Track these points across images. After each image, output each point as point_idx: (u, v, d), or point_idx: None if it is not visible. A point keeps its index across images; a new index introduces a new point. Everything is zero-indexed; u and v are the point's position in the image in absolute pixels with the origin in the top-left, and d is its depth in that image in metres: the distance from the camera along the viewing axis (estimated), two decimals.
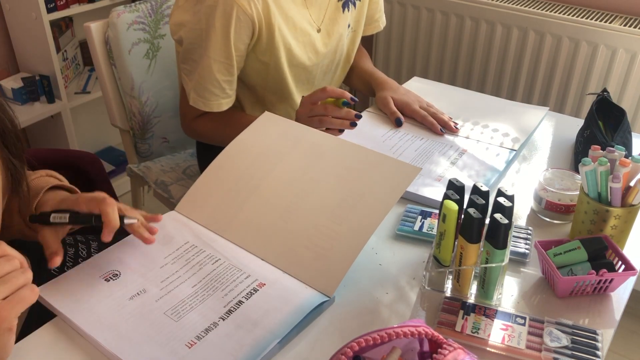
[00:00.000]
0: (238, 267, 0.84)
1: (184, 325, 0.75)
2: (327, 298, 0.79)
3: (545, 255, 0.83)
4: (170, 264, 0.85)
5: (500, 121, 1.28)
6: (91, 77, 2.34)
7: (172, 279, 0.82)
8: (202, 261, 0.85)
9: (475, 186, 0.82)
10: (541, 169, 1.09)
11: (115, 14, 1.40)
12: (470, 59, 2.02)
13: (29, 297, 0.64)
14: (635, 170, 0.85)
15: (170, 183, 1.53)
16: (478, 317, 0.77)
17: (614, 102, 1.20)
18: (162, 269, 0.84)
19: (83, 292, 0.80)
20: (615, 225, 0.87)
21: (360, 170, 0.91)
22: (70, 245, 1.03)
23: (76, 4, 2.09)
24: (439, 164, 1.12)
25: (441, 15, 2.01)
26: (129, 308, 0.77)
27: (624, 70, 1.76)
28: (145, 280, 0.82)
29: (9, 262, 0.65)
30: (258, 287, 0.81)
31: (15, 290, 0.64)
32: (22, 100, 2.10)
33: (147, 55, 1.48)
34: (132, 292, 0.80)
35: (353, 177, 0.90)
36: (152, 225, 0.87)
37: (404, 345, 0.60)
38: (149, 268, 0.84)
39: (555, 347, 0.73)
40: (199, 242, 0.89)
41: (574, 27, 1.78)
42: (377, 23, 1.44)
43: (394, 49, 2.18)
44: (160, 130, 1.59)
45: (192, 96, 1.19)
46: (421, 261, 0.90)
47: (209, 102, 1.19)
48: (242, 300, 0.79)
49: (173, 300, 0.79)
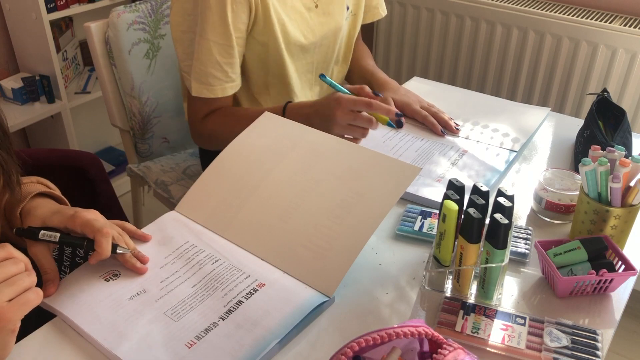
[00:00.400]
0: (238, 267, 0.84)
1: (184, 325, 0.75)
2: (327, 298, 0.79)
3: (545, 255, 0.83)
4: (170, 264, 0.85)
5: (501, 121, 1.28)
6: (91, 77, 2.34)
7: (172, 279, 0.82)
8: (202, 261, 0.85)
9: (475, 186, 0.82)
10: (541, 169, 1.09)
11: (115, 14, 1.40)
12: (470, 59, 2.02)
13: (34, 300, 0.65)
14: (635, 170, 0.85)
15: (170, 183, 1.54)
16: (478, 317, 0.77)
17: (614, 102, 1.20)
18: (162, 269, 0.84)
19: (83, 292, 0.80)
20: (615, 225, 0.87)
21: (360, 170, 0.91)
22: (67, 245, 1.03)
23: (76, 4, 2.09)
24: (439, 165, 1.12)
25: (441, 15, 2.01)
26: (129, 308, 0.77)
27: (624, 70, 1.76)
28: (145, 281, 0.82)
29: (15, 265, 0.65)
30: (258, 287, 0.81)
31: (20, 292, 0.64)
32: (22, 100, 2.10)
33: (147, 55, 1.48)
34: (132, 292, 0.80)
35: (352, 178, 0.90)
36: (142, 255, 0.86)
37: (404, 345, 0.60)
38: (148, 268, 0.84)
39: (555, 347, 0.73)
40: (199, 242, 0.89)
41: (574, 27, 1.78)
42: (376, 10, 1.44)
43: (394, 49, 2.18)
44: (160, 130, 1.59)
45: (195, 86, 1.17)
46: (421, 261, 0.89)
47: (212, 88, 1.16)
48: (242, 300, 0.79)
49: (173, 300, 0.79)
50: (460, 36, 2.00)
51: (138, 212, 1.68)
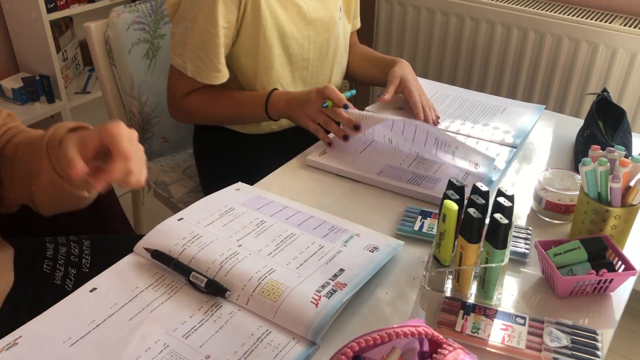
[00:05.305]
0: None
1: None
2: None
3: (545, 255, 0.83)
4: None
5: (499, 120, 1.28)
6: (91, 77, 2.34)
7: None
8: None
9: (475, 186, 0.82)
10: (541, 169, 1.09)
11: (115, 14, 1.40)
12: (470, 59, 2.02)
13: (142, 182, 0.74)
14: (635, 170, 0.85)
15: (170, 183, 1.54)
16: (478, 317, 0.77)
17: (614, 102, 1.20)
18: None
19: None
20: (615, 225, 0.87)
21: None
22: (62, 245, 1.03)
23: (76, 4, 2.09)
24: (435, 162, 1.12)
25: (441, 15, 2.01)
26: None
27: (624, 70, 1.76)
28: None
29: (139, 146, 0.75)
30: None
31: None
32: (22, 100, 2.10)
33: (147, 55, 1.48)
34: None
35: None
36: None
37: (404, 345, 0.60)
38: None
39: (555, 347, 0.73)
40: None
41: (574, 27, 1.78)
42: (355, 21, 1.47)
43: (394, 49, 2.18)
44: (160, 130, 1.59)
45: (190, 67, 1.21)
46: (421, 261, 0.90)
47: (200, 72, 1.21)
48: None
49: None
50: (460, 36, 2.00)
51: (138, 212, 1.68)
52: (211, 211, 0.95)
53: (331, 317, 0.75)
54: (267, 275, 0.80)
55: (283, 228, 0.91)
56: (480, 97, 1.40)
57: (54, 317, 0.76)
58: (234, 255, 0.84)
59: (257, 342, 0.72)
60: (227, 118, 1.32)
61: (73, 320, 0.75)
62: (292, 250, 0.86)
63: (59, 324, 0.74)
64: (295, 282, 0.79)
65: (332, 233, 0.91)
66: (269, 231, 0.91)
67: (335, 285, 0.79)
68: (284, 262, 0.84)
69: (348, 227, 0.93)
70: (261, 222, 0.92)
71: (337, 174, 1.11)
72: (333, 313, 0.75)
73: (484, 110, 1.33)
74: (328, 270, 0.82)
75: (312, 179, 1.11)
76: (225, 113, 1.29)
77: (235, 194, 1.01)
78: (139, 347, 0.71)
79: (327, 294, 0.77)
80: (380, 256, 0.86)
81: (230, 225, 0.91)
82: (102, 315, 0.76)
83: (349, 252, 0.87)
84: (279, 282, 0.79)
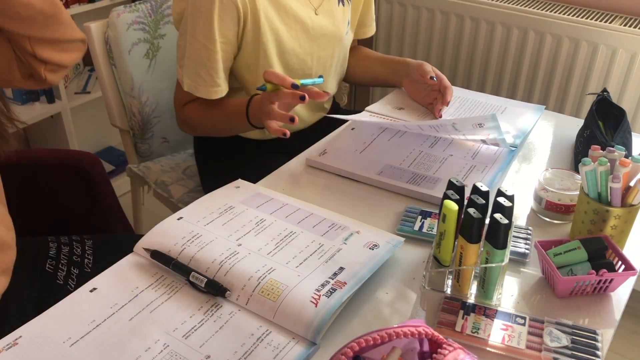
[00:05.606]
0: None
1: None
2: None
3: (545, 255, 0.83)
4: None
5: (499, 120, 1.28)
6: (91, 77, 2.34)
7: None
8: None
9: (475, 186, 0.82)
10: (541, 169, 1.09)
11: (115, 14, 1.40)
12: (470, 59, 2.02)
13: None
14: (635, 170, 0.85)
15: (170, 183, 1.54)
16: (478, 317, 0.77)
17: (614, 102, 1.20)
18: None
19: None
20: (615, 225, 0.87)
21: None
22: (65, 244, 1.03)
23: (76, 4, 2.09)
24: (435, 162, 1.12)
25: (441, 15, 2.01)
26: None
27: (624, 70, 1.76)
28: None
29: None
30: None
31: None
32: (22, 100, 2.10)
33: (147, 55, 1.48)
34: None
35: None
36: None
37: (404, 345, 0.60)
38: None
39: (555, 347, 0.73)
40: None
41: (574, 27, 1.78)
42: (367, 28, 1.45)
43: (394, 49, 2.18)
44: (160, 130, 1.59)
45: (186, 82, 1.20)
46: (421, 261, 0.90)
47: (198, 88, 1.19)
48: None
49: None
50: (460, 36, 2.00)
51: (138, 212, 1.68)
52: (211, 209, 0.95)
53: (331, 316, 0.75)
54: (266, 274, 0.80)
55: (283, 226, 0.92)
56: (481, 97, 1.40)
57: (54, 317, 0.76)
58: (234, 255, 0.84)
59: (257, 342, 0.72)
60: (219, 129, 1.28)
61: (73, 320, 0.75)
62: (292, 249, 0.86)
63: (59, 324, 0.74)
64: (295, 281, 0.79)
65: (331, 230, 0.91)
66: (268, 230, 0.91)
67: (335, 284, 0.79)
68: (284, 261, 0.84)
69: (348, 225, 0.93)
70: (261, 221, 0.93)
71: (337, 173, 1.11)
72: (332, 312, 0.75)
73: (484, 110, 1.33)
74: (328, 269, 0.82)
75: (312, 178, 1.11)
76: (217, 124, 1.26)
77: (235, 191, 1.01)
78: (139, 347, 0.71)
79: (326, 293, 0.77)
80: (381, 253, 0.86)
81: (229, 223, 0.91)
82: (102, 315, 0.76)
83: (349, 249, 0.87)
84: (279, 282, 0.79)
